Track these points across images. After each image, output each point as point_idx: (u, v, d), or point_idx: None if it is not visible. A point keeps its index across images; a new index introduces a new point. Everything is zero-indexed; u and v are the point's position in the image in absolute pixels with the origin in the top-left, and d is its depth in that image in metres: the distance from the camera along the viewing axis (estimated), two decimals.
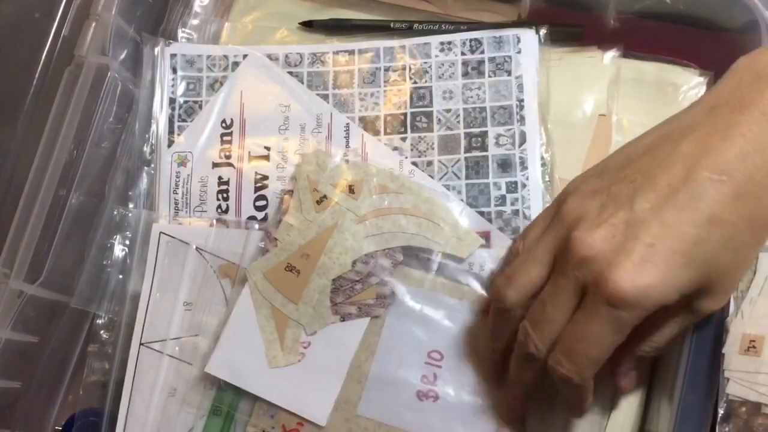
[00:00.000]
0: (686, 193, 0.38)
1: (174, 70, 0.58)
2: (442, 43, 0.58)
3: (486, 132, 0.55)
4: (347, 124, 0.57)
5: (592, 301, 0.39)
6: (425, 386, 0.51)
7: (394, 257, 0.52)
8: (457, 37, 0.58)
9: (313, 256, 0.52)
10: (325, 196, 0.53)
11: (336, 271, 0.52)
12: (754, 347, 0.44)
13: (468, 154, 0.55)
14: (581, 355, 0.41)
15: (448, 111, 0.56)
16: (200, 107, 0.58)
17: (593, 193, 0.42)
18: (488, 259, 0.52)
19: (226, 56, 0.59)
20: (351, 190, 0.53)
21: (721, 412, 0.43)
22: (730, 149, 0.39)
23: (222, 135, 0.57)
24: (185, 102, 0.58)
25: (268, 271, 0.52)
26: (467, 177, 0.55)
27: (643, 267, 0.38)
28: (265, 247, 0.53)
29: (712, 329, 0.45)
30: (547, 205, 0.53)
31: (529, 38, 0.57)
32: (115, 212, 0.55)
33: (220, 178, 0.57)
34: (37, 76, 0.55)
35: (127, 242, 0.55)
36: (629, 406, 0.49)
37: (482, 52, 0.57)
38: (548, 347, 0.42)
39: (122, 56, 0.57)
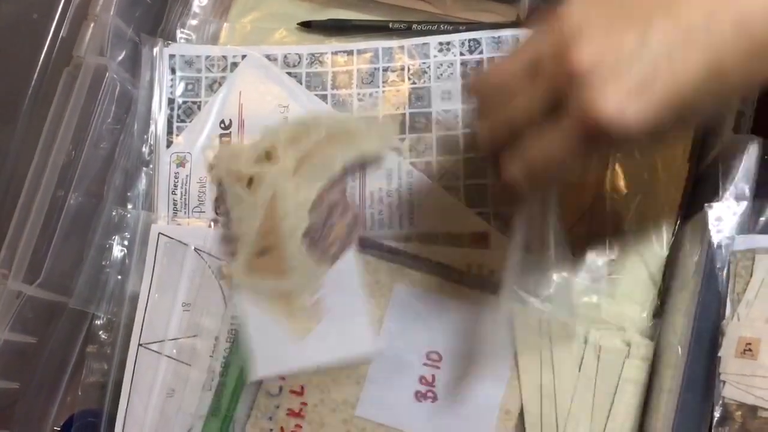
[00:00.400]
0: (705, 37, 0.35)
1: (173, 71, 0.58)
2: (440, 44, 0.58)
3: None
4: None
5: (566, 116, 0.37)
6: (423, 387, 0.51)
7: (340, 186, 0.53)
8: (456, 38, 0.57)
9: (273, 230, 0.52)
10: (250, 178, 0.53)
11: (301, 228, 0.52)
12: (750, 350, 0.43)
13: (467, 155, 0.55)
14: (543, 166, 0.39)
15: (447, 112, 0.56)
16: (199, 108, 0.58)
17: (605, 5, 0.37)
18: (487, 261, 0.52)
19: (224, 57, 0.59)
20: (268, 157, 0.54)
21: (717, 415, 0.43)
22: (761, 4, 0.35)
23: (220, 135, 0.57)
24: (184, 102, 0.58)
25: (245, 268, 0.52)
26: (466, 178, 0.55)
27: (636, 98, 0.35)
28: (231, 251, 0.53)
29: (710, 332, 0.45)
30: None
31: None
32: (114, 213, 0.55)
33: None
34: (35, 76, 0.55)
35: (126, 243, 0.55)
36: (627, 408, 0.49)
37: (481, 53, 0.57)
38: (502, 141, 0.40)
39: (121, 57, 0.57)
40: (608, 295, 0.52)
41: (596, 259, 0.52)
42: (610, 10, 0.37)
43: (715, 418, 0.43)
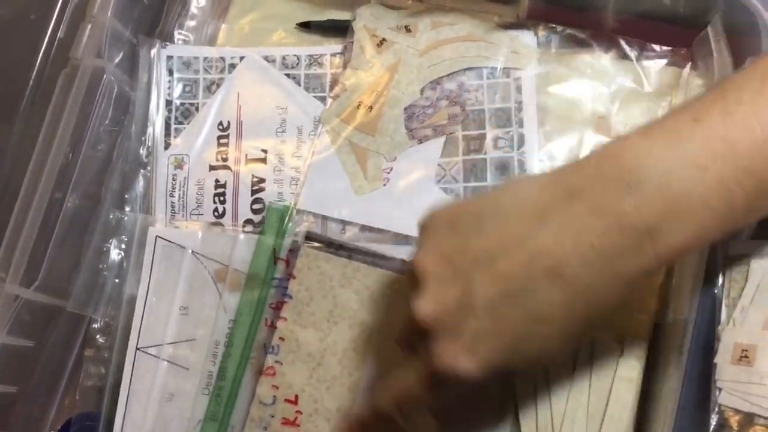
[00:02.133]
0: (521, 288, 0.38)
1: (170, 72, 0.58)
2: None
3: (484, 134, 0.55)
4: None
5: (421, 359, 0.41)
6: None
7: (459, 80, 0.55)
8: None
9: (382, 92, 0.56)
10: (384, 39, 0.57)
11: (406, 100, 0.55)
12: (746, 357, 0.43)
13: (466, 157, 0.55)
14: (396, 399, 0.44)
15: None
16: (197, 109, 0.58)
17: (442, 256, 0.40)
18: None
19: (222, 58, 0.58)
20: (408, 29, 0.57)
21: (713, 422, 0.43)
22: (575, 254, 0.37)
23: (219, 137, 0.57)
24: (182, 104, 0.58)
25: (342, 112, 0.56)
26: (465, 180, 0.54)
27: (467, 353, 0.39)
28: (335, 94, 0.56)
29: (705, 338, 0.45)
30: None
31: (528, 39, 0.56)
32: (111, 216, 0.55)
33: (216, 180, 0.56)
34: (32, 78, 0.55)
35: (123, 246, 0.55)
36: (623, 408, 0.49)
37: None
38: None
39: (118, 58, 0.56)
40: None
41: None
42: (445, 267, 0.40)
43: (712, 426, 0.43)
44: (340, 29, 0.59)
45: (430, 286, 0.40)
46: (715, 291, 0.45)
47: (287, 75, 0.58)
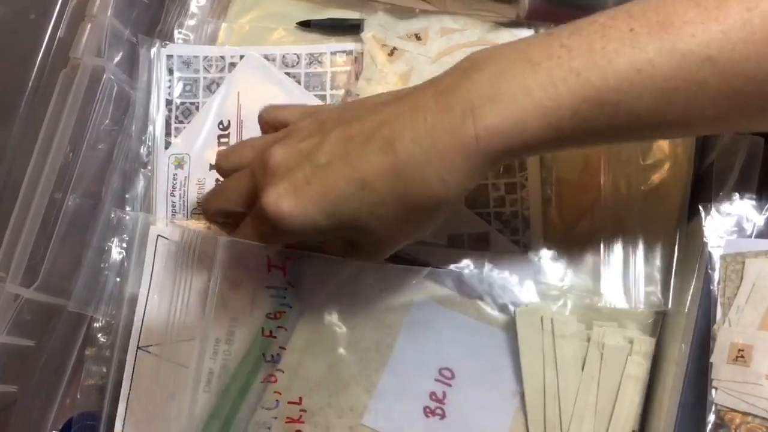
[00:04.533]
0: (357, 150, 0.41)
1: (170, 72, 0.58)
2: None
3: None
4: None
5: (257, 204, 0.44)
6: (433, 403, 0.50)
7: None
8: None
9: None
10: (395, 48, 0.57)
11: None
12: (742, 357, 0.43)
13: None
14: (239, 236, 0.47)
15: None
16: (197, 108, 0.58)
17: (312, 116, 0.46)
18: (508, 282, 0.51)
19: (222, 57, 0.58)
20: (418, 37, 0.57)
21: (710, 422, 0.42)
22: (410, 128, 0.40)
23: (219, 136, 0.57)
24: (182, 103, 0.58)
25: None
26: None
27: (291, 196, 0.42)
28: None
29: (703, 337, 0.45)
30: (547, 205, 0.53)
31: None
32: (113, 215, 0.55)
33: (217, 180, 0.56)
34: (32, 78, 0.55)
35: (125, 245, 0.55)
36: (630, 406, 0.49)
37: None
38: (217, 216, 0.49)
39: (118, 58, 0.56)
40: (610, 294, 0.51)
41: (597, 258, 0.52)
42: (312, 124, 0.45)
43: (708, 426, 0.42)
44: (340, 28, 0.59)
45: (294, 137, 0.44)
46: (711, 290, 0.45)
47: (287, 74, 0.58)
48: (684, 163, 0.53)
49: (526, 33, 0.56)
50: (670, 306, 0.50)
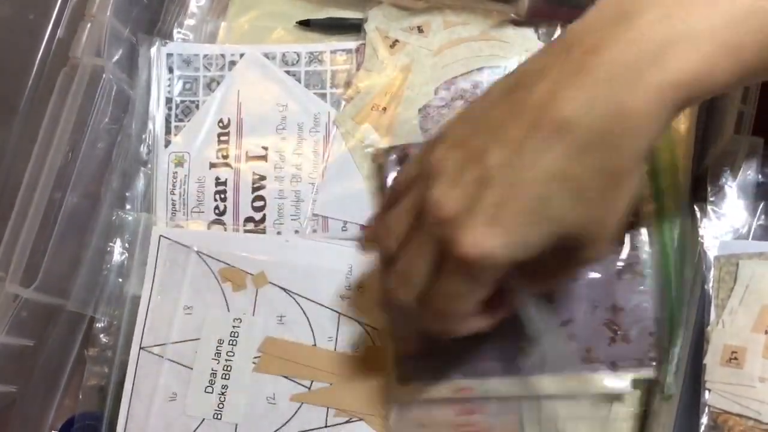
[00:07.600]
0: (531, 148, 0.36)
1: (170, 70, 0.58)
2: None
3: None
4: None
5: (448, 260, 0.38)
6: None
7: (473, 80, 0.55)
8: None
9: (396, 93, 0.56)
10: (397, 40, 0.57)
11: (421, 101, 0.55)
12: (735, 359, 0.43)
13: None
14: (447, 310, 0.40)
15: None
16: (197, 107, 0.58)
17: (455, 145, 0.39)
18: None
19: (222, 55, 0.58)
20: (420, 30, 0.57)
21: (703, 423, 0.43)
22: (576, 98, 0.35)
23: (219, 135, 0.57)
24: (182, 102, 0.58)
25: (356, 114, 0.56)
26: None
27: (489, 229, 0.36)
28: (349, 96, 0.56)
29: (697, 338, 0.45)
30: None
31: (528, 37, 0.56)
32: (114, 217, 0.55)
33: (217, 178, 0.56)
34: (32, 77, 0.55)
35: (126, 245, 0.55)
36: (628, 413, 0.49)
37: None
38: (417, 299, 0.41)
39: (117, 57, 0.56)
40: None
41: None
42: (461, 152, 0.38)
43: (702, 427, 0.42)
44: (339, 27, 0.59)
45: (446, 173, 0.38)
46: (706, 288, 0.45)
47: (287, 72, 0.58)
48: (685, 162, 0.53)
49: (526, 32, 0.56)
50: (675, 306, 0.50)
